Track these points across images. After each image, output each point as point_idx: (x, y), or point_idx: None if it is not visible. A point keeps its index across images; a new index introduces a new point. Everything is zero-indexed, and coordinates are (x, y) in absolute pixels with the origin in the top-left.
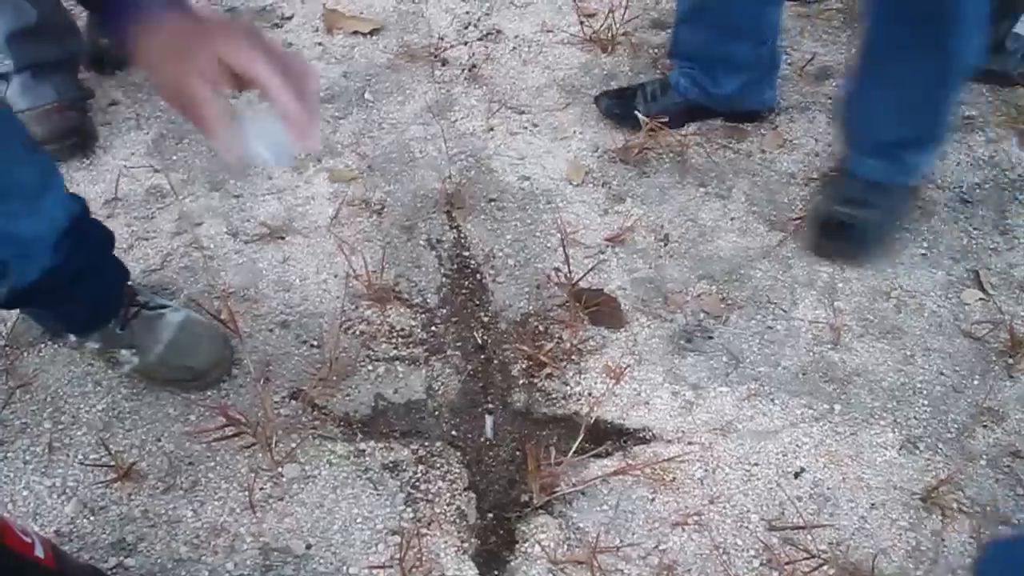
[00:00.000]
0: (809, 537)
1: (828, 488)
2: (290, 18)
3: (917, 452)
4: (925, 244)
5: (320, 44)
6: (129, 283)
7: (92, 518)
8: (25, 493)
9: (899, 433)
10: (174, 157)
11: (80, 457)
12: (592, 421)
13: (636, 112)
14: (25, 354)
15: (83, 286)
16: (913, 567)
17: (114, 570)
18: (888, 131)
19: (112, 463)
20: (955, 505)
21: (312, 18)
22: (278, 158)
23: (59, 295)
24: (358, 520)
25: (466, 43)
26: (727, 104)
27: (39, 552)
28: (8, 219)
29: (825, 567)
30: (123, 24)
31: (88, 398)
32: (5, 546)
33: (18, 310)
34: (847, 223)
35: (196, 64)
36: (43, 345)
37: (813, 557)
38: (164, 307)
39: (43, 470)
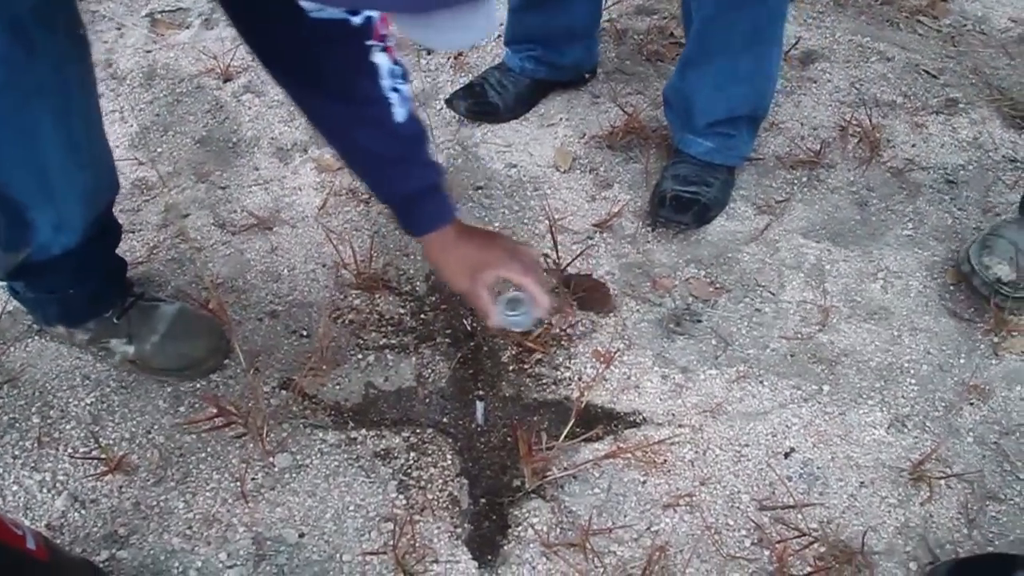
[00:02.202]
0: (799, 516)
1: (818, 467)
2: None
3: (905, 431)
4: (911, 225)
5: None
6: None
7: (83, 511)
8: (15, 488)
9: (887, 412)
10: (159, 149)
11: (70, 451)
12: (583, 405)
13: (494, 103)
14: (12, 349)
15: (89, 272)
16: (903, 543)
17: (106, 563)
18: (718, 109)
19: (102, 456)
20: (943, 482)
21: None
22: (525, 324)
23: (65, 279)
24: (351, 508)
25: None
26: (572, 72)
27: (31, 544)
28: (63, 185)
29: (815, 545)
30: (409, 229)
31: (77, 392)
32: None
33: (6, 303)
34: (687, 200)
35: (483, 282)
36: (30, 340)
37: (804, 535)
38: (159, 299)
39: (33, 464)
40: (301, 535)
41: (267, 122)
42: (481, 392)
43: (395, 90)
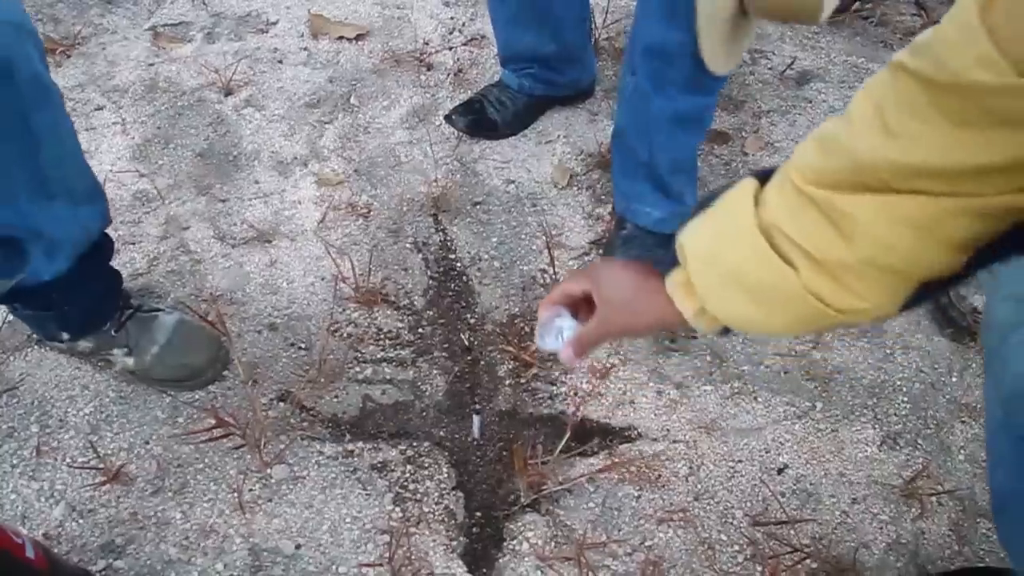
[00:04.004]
0: (792, 532)
1: (810, 484)
2: (276, 23)
3: (897, 448)
4: None
5: (305, 49)
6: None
7: (80, 521)
8: (13, 497)
9: (879, 429)
10: (160, 162)
11: (68, 460)
12: (578, 420)
13: (493, 119)
14: (11, 358)
15: (83, 288)
16: (894, 559)
17: (103, 572)
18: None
19: (100, 466)
20: (934, 499)
21: (298, 24)
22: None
23: (59, 299)
24: (347, 520)
25: (451, 48)
26: (570, 89)
27: (29, 553)
28: (49, 217)
29: (808, 561)
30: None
31: (76, 402)
32: None
33: (6, 314)
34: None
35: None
36: (29, 349)
37: (796, 551)
38: (157, 309)
39: (31, 474)
40: (298, 547)
41: (267, 136)
42: (478, 406)
43: None
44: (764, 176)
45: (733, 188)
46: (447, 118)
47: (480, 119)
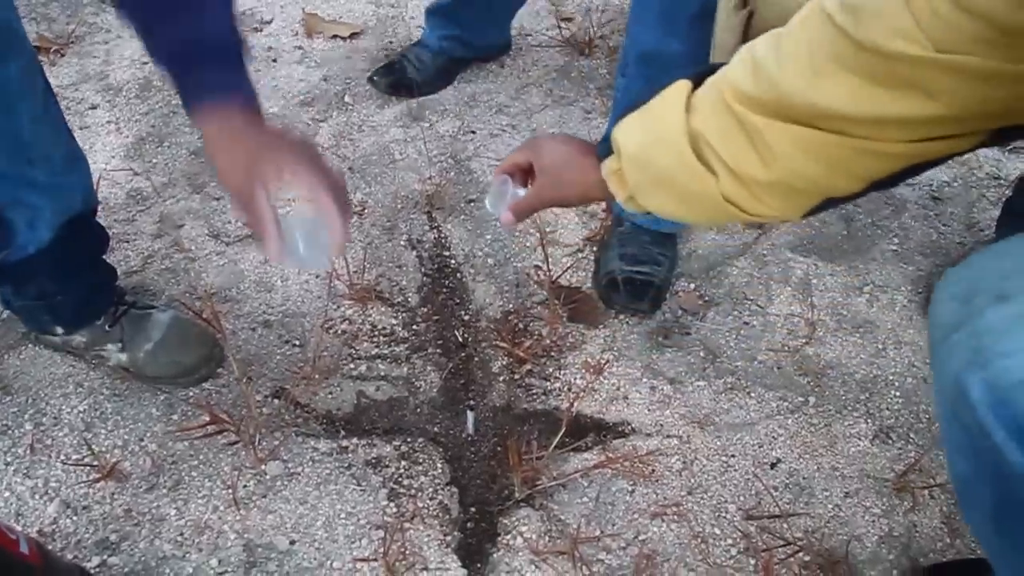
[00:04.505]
0: (785, 525)
1: (803, 478)
2: (270, 22)
3: (889, 442)
4: (896, 240)
5: (300, 48)
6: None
7: (75, 517)
8: (7, 494)
9: (872, 424)
10: (154, 160)
11: (62, 457)
12: (572, 416)
13: (412, 78)
14: (5, 356)
15: (76, 278)
16: (886, 552)
17: (98, 568)
18: None
19: (95, 463)
20: (926, 492)
21: (292, 22)
22: (315, 261)
23: (50, 282)
24: (341, 515)
25: None
26: (486, 50)
27: (24, 548)
28: (29, 185)
29: (801, 554)
30: (189, 102)
31: (70, 399)
32: None
33: (3, 311)
34: (642, 281)
35: (261, 176)
36: (24, 347)
37: (789, 544)
38: (152, 307)
39: (25, 471)
40: (292, 542)
41: None
42: (472, 402)
43: None
44: (698, 78)
45: (667, 90)
46: (369, 80)
47: (401, 79)
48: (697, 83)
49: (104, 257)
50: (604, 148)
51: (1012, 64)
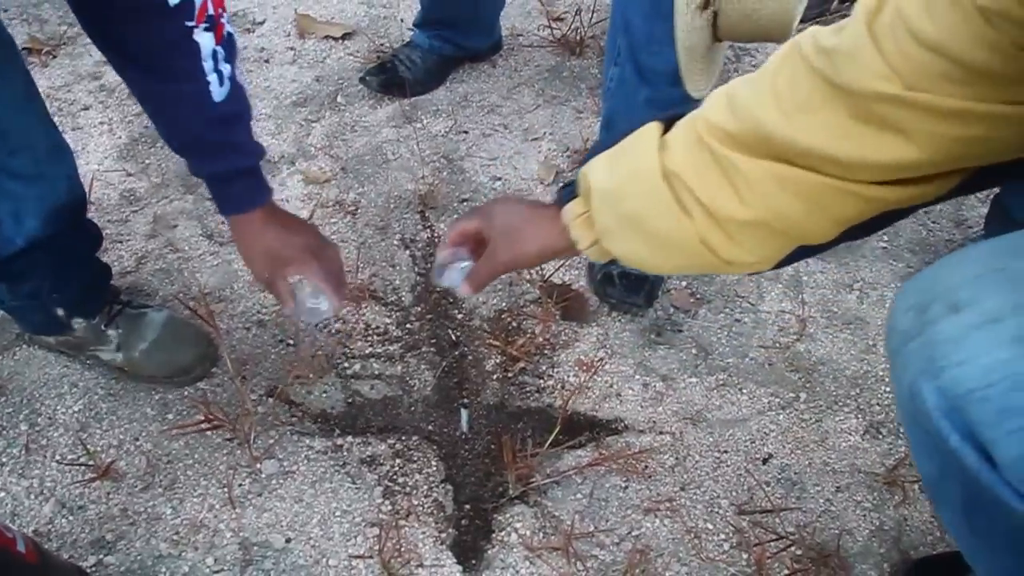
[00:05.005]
0: (777, 520)
1: (795, 473)
2: (262, 23)
3: (880, 437)
4: (886, 238)
5: (292, 49)
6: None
7: (71, 517)
8: (2, 495)
9: (862, 419)
10: (147, 161)
11: (58, 457)
12: (566, 413)
13: (403, 77)
14: (0, 358)
15: (70, 277)
16: (877, 546)
17: (93, 568)
18: None
19: (90, 462)
20: (916, 486)
21: (284, 23)
22: (316, 317)
23: (44, 281)
24: (337, 513)
25: None
26: (478, 49)
27: (20, 547)
28: (11, 175)
29: (793, 548)
30: (222, 210)
31: (64, 399)
32: None
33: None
34: (637, 276)
35: (278, 267)
36: (18, 348)
37: (781, 539)
38: (146, 306)
39: (20, 471)
40: (288, 540)
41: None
42: (466, 400)
43: (217, 72)
44: (668, 121)
45: (639, 131)
46: (361, 80)
47: (392, 78)
48: (668, 126)
49: (98, 256)
50: (566, 194)
51: (981, 103)
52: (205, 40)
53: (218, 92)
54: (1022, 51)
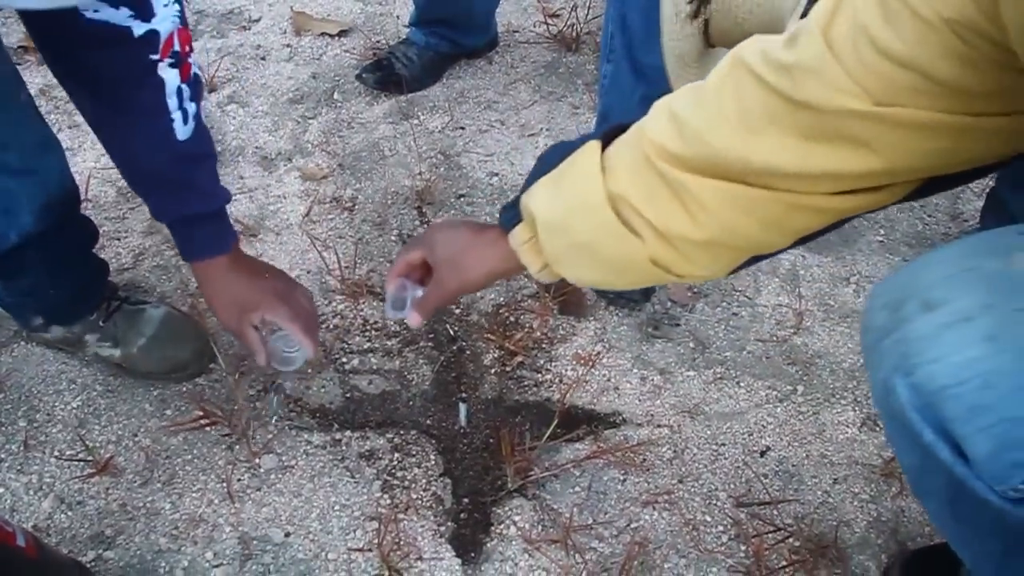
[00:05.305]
0: (775, 512)
1: (792, 465)
2: (258, 20)
3: (877, 429)
4: (882, 231)
5: (288, 46)
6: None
7: (70, 513)
8: (1, 491)
9: (859, 411)
10: None
11: (56, 453)
12: (564, 407)
13: (400, 74)
14: None
15: (66, 272)
16: (875, 537)
17: (93, 563)
18: None
19: (89, 458)
20: None
21: (280, 20)
22: (291, 365)
23: (41, 276)
24: (336, 507)
25: None
26: (472, 48)
27: (20, 541)
28: (1, 171)
29: (791, 539)
30: (185, 255)
31: (63, 395)
32: None
33: None
34: None
35: (247, 314)
36: (16, 345)
37: (779, 530)
38: (144, 303)
39: (19, 467)
40: (287, 534)
41: (251, 132)
42: (464, 394)
43: (181, 109)
44: (607, 137)
45: (578, 152)
46: (358, 77)
47: (389, 75)
48: (606, 142)
49: (95, 253)
50: (508, 218)
51: (951, 115)
52: (170, 76)
53: (182, 130)
54: (996, 65)
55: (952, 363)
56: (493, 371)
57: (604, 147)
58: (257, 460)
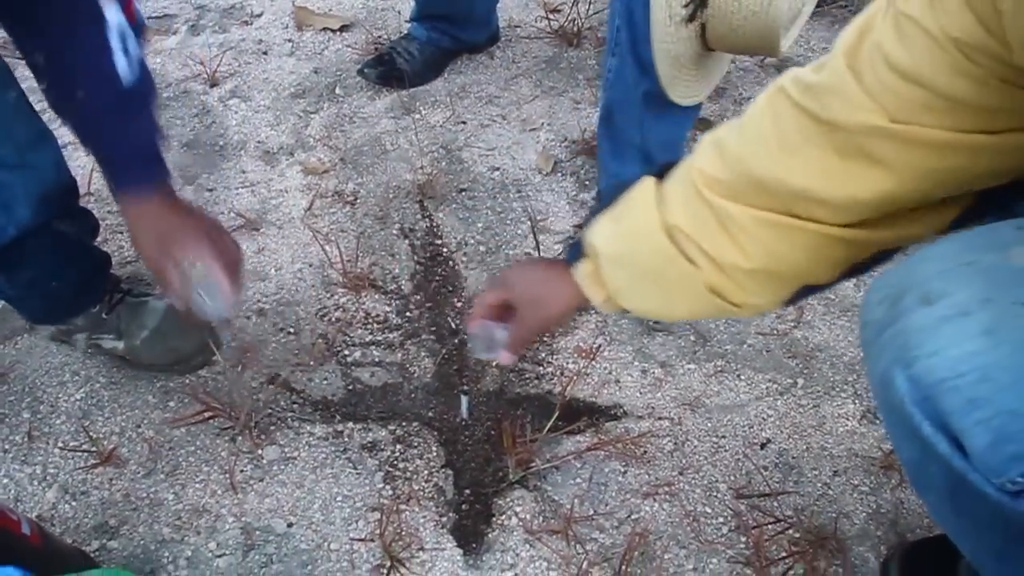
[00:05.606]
0: (775, 503)
1: (793, 457)
2: (260, 15)
3: (877, 422)
4: None
5: (290, 41)
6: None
7: (74, 503)
8: (6, 481)
9: (859, 404)
10: None
11: (60, 444)
12: (565, 400)
13: (402, 69)
14: (1, 347)
15: (68, 264)
16: (874, 528)
17: (97, 552)
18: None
19: (93, 449)
20: None
21: (282, 15)
22: (214, 311)
23: (43, 269)
24: (338, 498)
25: None
26: (473, 43)
27: (25, 529)
28: None
29: (791, 531)
30: (115, 190)
31: (67, 387)
32: None
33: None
34: None
35: (170, 256)
36: (19, 337)
37: (779, 521)
38: (147, 295)
39: (23, 458)
40: (290, 525)
41: (253, 126)
42: (465, 387)
43: (124, 50)
44: (660, 173)
45: (634, 189)
46: (359, 72)
47: (391, 70)
48: (661, 176)
49: (97, 245)
50: (573, 254)
51: (964, 134)
52: (112, 13)
53: (125, 70)
54: (1004, 82)
55: (950, 356)
56: (495, 364)
57: (659, 182)
58: (260, 451)
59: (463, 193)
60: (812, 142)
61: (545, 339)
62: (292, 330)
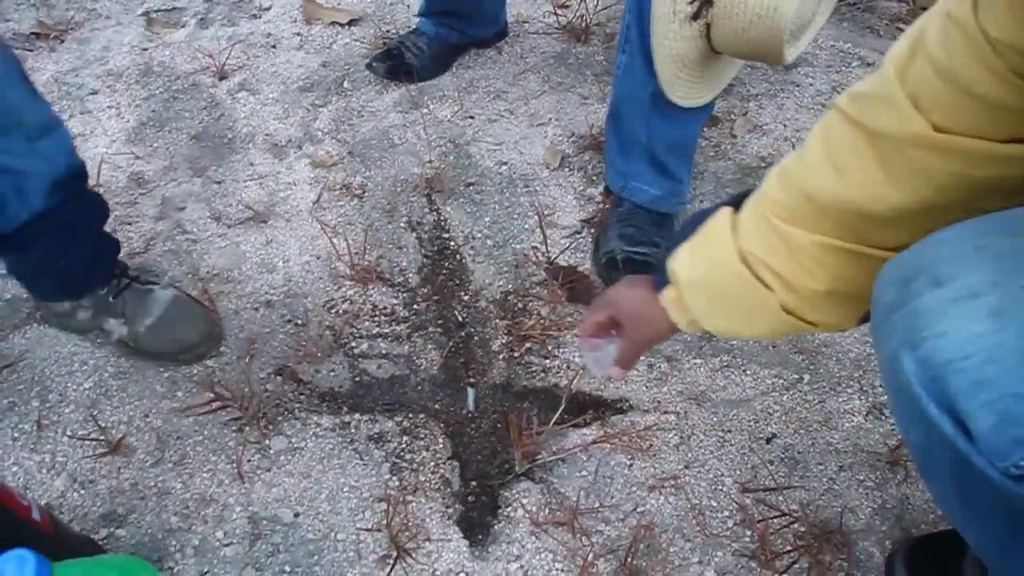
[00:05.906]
0: (781, 498)
1: (798, 452)
2: (268, 9)
3: (883, 417)
4: None
5: (299, 34)
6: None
7: (82, 491)
8: (15, 469)
9: (865, 400)
10: (155, 145)
11: (69, 433)
12: (572, 393)
13: (410, 63)
14: (10, 336)
15: (77, 246)
16: (879, 523)
17: (105, 540)
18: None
19: (101, 438)
20: None
21: (291, 9)
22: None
23: (52, 250)
24: (345, 489)
25: None
26: (484, 36)
27: (36, 515)
28: (6, 152)
29: (796, 525)
30: None
31: (75, 377)
32: (5, 507)
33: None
34: (641, 262)
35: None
36: (28, 327)
37: (784, 516)
38: (153, 283)
39: (32, 446)
40: (296, 515)
41: (262, 119)
42: (472, 379)
43: None
44: (735, 202)
45: (712, 217)
46: (368, 66)
47: (399, 64)
48: (736, 205)
49: (107, 231)
50: (659, 280)
51: (999, 143)
52: None
53: None
54: (1020, 78)
55: (958, 337)
56: (501, 357)
57: (735, 211)
58: (267, 441)
59: (471, 187)
60: (859, 152)
61: (551, 332)
62: (300, 322)
